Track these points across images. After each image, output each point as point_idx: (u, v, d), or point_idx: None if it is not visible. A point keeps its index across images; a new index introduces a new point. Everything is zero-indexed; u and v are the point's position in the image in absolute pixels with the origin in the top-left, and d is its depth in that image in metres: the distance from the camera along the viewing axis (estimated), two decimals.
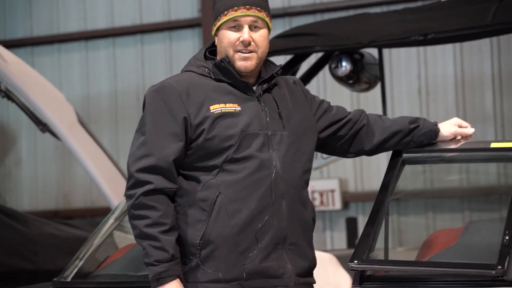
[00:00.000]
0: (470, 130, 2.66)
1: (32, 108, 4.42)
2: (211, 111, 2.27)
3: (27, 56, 5.96)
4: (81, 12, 7.63)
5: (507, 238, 2.32)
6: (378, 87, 4.36)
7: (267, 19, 2.36)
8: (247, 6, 2.33)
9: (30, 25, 7.66)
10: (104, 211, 4.35)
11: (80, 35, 7.49)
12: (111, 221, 3.61)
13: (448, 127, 2.65)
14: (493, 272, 2.29)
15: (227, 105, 2.29)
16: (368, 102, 4.00)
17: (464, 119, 2.62)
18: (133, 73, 7.56)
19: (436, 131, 2.63)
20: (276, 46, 3.51)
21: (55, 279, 3.24)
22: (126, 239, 3.46)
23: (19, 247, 4.63)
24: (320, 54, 4.22)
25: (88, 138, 4.59)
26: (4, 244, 4.50)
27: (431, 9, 3.98)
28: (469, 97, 6.29)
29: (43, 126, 4.64)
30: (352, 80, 4.26)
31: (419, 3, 5.26)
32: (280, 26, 5.68)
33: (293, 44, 3.99)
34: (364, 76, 4.29)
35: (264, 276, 2.29)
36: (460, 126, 2.66)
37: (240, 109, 2.31)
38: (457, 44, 5.98)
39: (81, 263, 3.36)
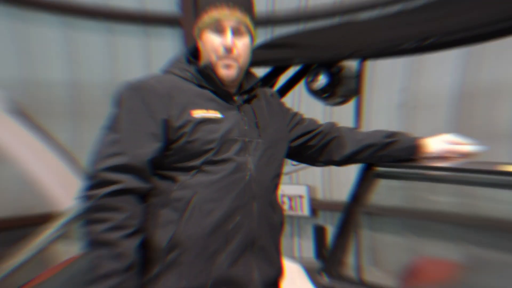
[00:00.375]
0: (466, 148, 2.76)
1: None
2: (193, 116, 2.51)
3: None
4: None
5: None
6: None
7: (250, 24, 2.58)
8: (230, 4, 2.54)
9: None
10: (39, 218, 4.15)
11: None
12: (50, 231, 3.52)
13: (437, 144, 2.81)
14: None
15: (209, 111, 2.55)
16: (346, 114, 3.92)
17: (470, 135, 2.68)
18: (99, 64, 7.40)
19: (415, 147, 2.85)
20: (256, 58, 3.21)
21: None
22: (66, 251, 3.41)
23: None
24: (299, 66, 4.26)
25: (24, 131, 4.36)
26: None
27: (424, 10, 3.66)
28: (476, 110, 5.91)
29: None
30: (328, 94, 4.14)
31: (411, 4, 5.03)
32: (263, 36, 5.86)
33: (272, 56, 4.10)
34: (340, 90, 4.13)
35: (229, 285, 2.52)
36: (455, 143, 2.80)
37: (222, 116, 2.58)
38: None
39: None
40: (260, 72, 3.25)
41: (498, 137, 5.82)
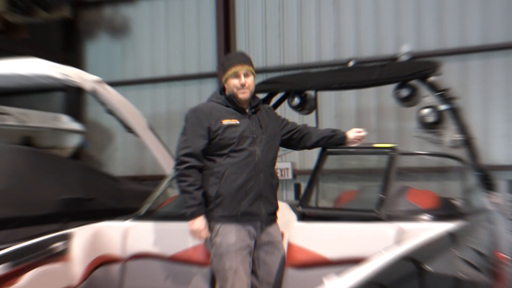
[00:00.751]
0: (362, 133, 4.10)
1: (122, 118, 5.86)
2: (223, 123, 3.54)
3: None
4: (149, 63, 9.55)
5: (381, 195, 3.72)
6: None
7: (253, 71, 3.67)
8: (242, 64, 3.62)
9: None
10: (161, 177, 5.52)
11: (149, 80, 9.52)
12: (165, 183, 4.75)
13: (352, 133, 4.10)
14: (374, 213, 3.65)
15: (232, 120, 3.57)
16: (308, 120, 5.24)
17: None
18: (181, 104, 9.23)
19: (344, 137, 4.08)
20: (259, 88, 4.87)
21: (134, 214, 4.42)
22: (173, 193, 4.51)
23: (115, 196, 6.26)
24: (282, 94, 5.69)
25: (153, 137, 6.11)
26: (107, 194, 6.14)
27: (344, 70, 5.44)
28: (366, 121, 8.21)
29: (128, 129, 6.04)
30: (300, 109, 5.63)
31: (338, 67, 6.90)
32: (260, 78, 7.67)
33: (268, 87, 5.46)
34: (307, 106, 5.64)
35: (249, 214, 3.52)
36: (358, 131, 4.09)
37: (239, 122, 3.57)
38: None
39: (149, 205, 4.52)
40: (261, 96, 4.84)
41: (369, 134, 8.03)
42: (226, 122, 3.56)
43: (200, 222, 3.47)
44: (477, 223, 3.65)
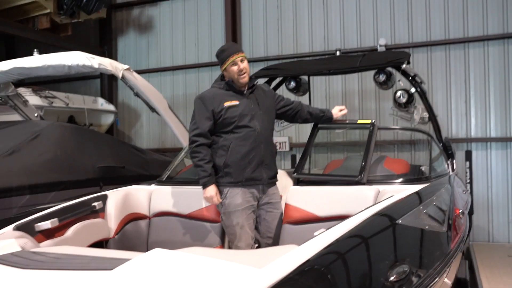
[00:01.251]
0: (345, 110, 4.08)
1: (147, 100, 5.75)
2: (225, 105, 3.48)
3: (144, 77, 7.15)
4: (169, 54, 9.44)
5: (363, 163, 3.76)
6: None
7: (245, 56, 3.58)
8: (237, 53, 3.54)
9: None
10: (179, 149, 5.89)
11: (169, 68, 9.33)
12: (182, 154, 4.78)
13: (336, 110, 4.06)
14: (356, 178, 3.69)
15: (232, 101, 3.51)
16: (303, 100, 5.04)
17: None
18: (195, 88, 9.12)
19: (331, 115, 4.03)
20: (261, 74, 5.22)
21: (157, 179, 4.46)
22: (189, 162, 4.42)
23: (141, 164, 6.25)
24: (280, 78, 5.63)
25: (172, 115, 5.98)
26: (135, 163, 6.14)
27: (332, 59, 5.52)
28: (351, 102, 7.98)
29: (152, 109, 5.92)
30: (295, 91, 5.64)
31: (327, 56, 7.27)
32: (262, 65, 7.63)
33: (267, 73, 5.38)
34: (301, 89, 5.66)
35: (253, 180, 3.52)
36: (340, 110, 4.06)
37: (238, 103, 3.51)
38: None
39: (169, 172, 4.53)
40: (262, 80, 4.85)
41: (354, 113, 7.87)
42: (227, 104, 3.51)
43: (211, 190, 3.47)
44: (439, 185, 3.65)
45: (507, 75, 7.19)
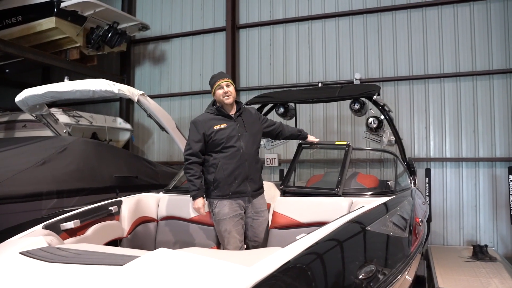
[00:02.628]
0: (317, 140, 4.09)
1: (158, 121, 5.52)
2: (214, 128, 3.38)
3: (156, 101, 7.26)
4: (178, 82, 9.36)
5: (339, 178, 3.70)
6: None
7: (232, 82, 3.50)
8: (223, 78, 3.47)
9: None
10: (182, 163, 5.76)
11: (177, 94, 9.31)
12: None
13: (310, 137, 4.06)
14: (334, 190, 3.66)
15: (221, 125, 3.39)
16: (290, 123, 4.98)
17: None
18: (200, 111, 9.19)
19: (306, 135, 4.04)
20: (255, 101, 5.15)
21: (165, 188, 4.41)
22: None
23: (151, 175, 6.16)
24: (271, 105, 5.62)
25: (179, 134, 5.74)
26: (146, 173, 6.06)
27: (315, 89, 5.43)
28: (331, 126, 7.85)
29: (162, 128, 5.69)
30: (284, 115, 5.59)
31: (311, 86, 7.03)
32: (256, 93, 7.82)
33: (260, 100, 5.28)
34: (289, 114, 5.61)
35: (238, 193, 3.42)
36: (314, 139, 4.06)
37: (226, 126, 3.40)
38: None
39: (175, 182, 4.49)
40: (256, 106, 4.86)
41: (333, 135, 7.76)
42: (216, 127, 3.42)
43: (199, 202, 3.42)
44: (403, 197, 3.64)
45: (459, 107, 7.27)
